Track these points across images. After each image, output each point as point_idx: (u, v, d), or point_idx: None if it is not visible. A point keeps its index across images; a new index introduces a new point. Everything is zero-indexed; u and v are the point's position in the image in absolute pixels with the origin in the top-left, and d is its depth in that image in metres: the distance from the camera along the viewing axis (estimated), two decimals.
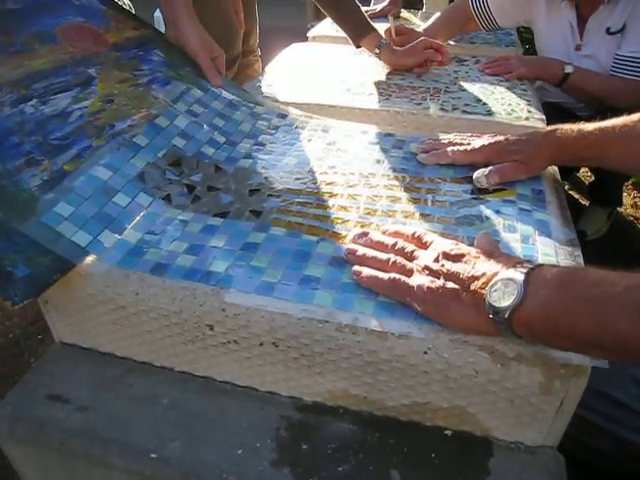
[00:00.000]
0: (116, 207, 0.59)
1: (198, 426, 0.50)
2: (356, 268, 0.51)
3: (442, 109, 0.94)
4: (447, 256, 0.48)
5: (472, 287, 0.44)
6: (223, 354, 0.52)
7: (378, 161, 0.73)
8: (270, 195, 0.64)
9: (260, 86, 1.04)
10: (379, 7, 1.81)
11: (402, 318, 0.47)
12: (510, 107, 0.96)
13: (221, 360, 0.52)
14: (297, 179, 0.67)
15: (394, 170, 0.70)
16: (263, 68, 1.23)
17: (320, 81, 1.07)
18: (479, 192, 0.66)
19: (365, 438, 0.50)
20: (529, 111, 0.94)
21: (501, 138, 0.70)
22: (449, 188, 0.66)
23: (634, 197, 1.89)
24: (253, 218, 0.59)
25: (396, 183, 0.67)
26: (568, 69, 1.27)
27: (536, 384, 0.45)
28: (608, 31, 1.32)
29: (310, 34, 1.56)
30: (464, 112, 0.93)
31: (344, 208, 0.62)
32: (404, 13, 1.84)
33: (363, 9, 1.75)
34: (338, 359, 0.48)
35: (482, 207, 0.62)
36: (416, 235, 0.53)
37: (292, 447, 0.49)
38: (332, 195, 0.64)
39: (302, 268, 0.52)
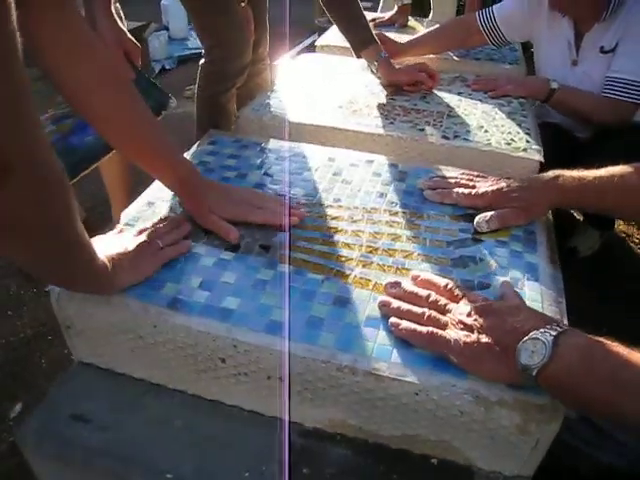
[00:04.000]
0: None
1: (209, 448, 0.55)
2: (393, 320, 0.55)
3: (444, 136, 0.98)
4: (479, 311, 0.53)
5: (504, 342, 0.49)
6: (233, 384, 0.57)
7: (381, 195, 0.77)
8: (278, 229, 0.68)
9: (269, 103, 1.08)
10: (387, 15, 1.84)
11: (398, 362, 0.52)
12: (510, 136, 1.00)
13: (231, 389, 0.57)
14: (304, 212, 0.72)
15: (396, 204, 0.75)
16: (271, 74, 1.26)
17: (327, 101, 1.11)
18: (475, 231, 0.70)
19: (359, 464, 0.55)
20: (527, 141, 0.98)
21: (503, 184, 0.73)
22: (447, 227, 0.71)
23: None
24: (263, 253, 0.64)
25: (397, 220, 0.71)
26: (553, 85, 1.30)
27: (514, 426, 0.50)
28: (602, 50, 1.35)
29: (318, 43, 1.59)
30: (465, 140, 0.97)
31: (348, 245, 0.66)
32: (411, 21, 1.87)
33: (370, 15, 1.77)
34: (338, 395, 0.53)
35: (476, 248, 0.67)
36: (448, 287, 0.57)
37: (294, 471, 0.54)
38: (337, 231, 0.69)
39: (308, 308, 0.57)
